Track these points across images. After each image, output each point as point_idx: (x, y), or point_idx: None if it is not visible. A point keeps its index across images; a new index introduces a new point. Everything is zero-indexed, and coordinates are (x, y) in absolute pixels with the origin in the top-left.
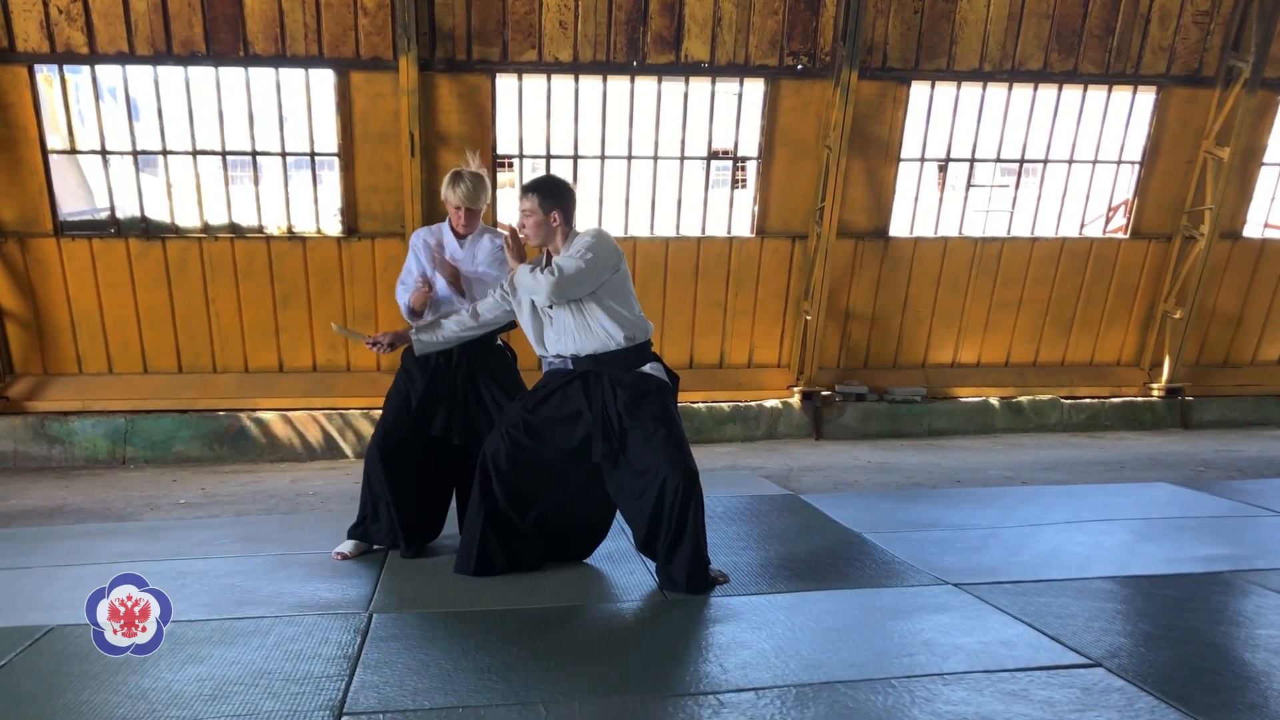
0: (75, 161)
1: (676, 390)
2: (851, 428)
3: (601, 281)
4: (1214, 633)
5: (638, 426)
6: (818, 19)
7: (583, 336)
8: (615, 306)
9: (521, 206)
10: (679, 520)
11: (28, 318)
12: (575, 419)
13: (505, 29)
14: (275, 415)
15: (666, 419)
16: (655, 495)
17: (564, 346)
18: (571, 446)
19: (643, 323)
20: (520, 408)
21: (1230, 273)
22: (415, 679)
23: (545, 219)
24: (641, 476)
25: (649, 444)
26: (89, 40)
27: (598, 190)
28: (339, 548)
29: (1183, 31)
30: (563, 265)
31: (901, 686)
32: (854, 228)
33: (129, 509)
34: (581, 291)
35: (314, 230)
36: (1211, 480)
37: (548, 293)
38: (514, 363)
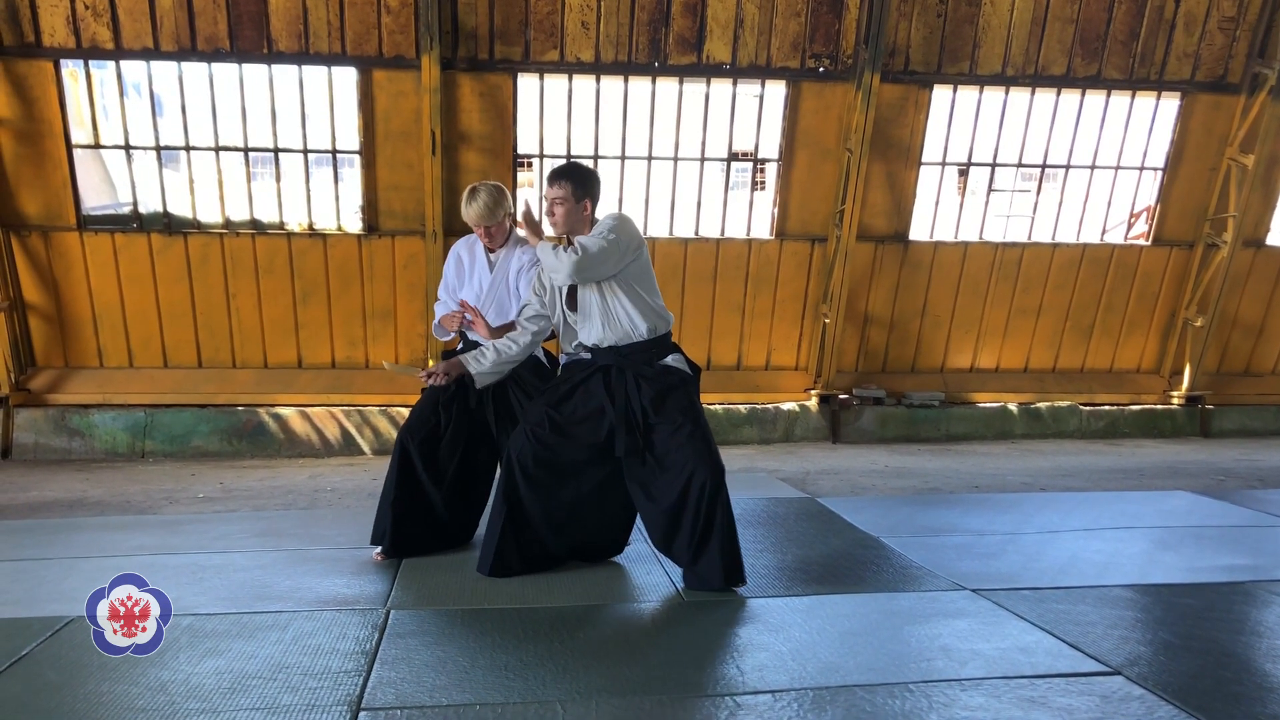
0: (99, 156)
1: (699, 381)
2: (869, 432)
3: (624, 264)
4: (1235, 643)
5: (663, 422)
6: (840, 22)
7: (605, 325)
8: (640, 291)
9: (551, 194)
10: (706, 516)
11: (50, 311)
12: (600, 415)
13: (527, 29)
14: (294, 411)
15: (692, 414)
16: (679, 491)
17: (587, 335)
18: (597, 441)
19: (665, 313)
20: (544, 404)
21: (1253, 281)
22: (433, 675)
23: (577, 206)
24: (666, 472)
25: (675, 439)
26: (114, 36)
27: (618, 190)
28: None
29: (1208, 38)
30: (585, 244)
31: (919, 691)
32: (874, 231)
33: (148, 502)
34: (604, 272)
35: (335, 227)
36: (1232, 489)
37: (569, 271)
38: (551, 371)
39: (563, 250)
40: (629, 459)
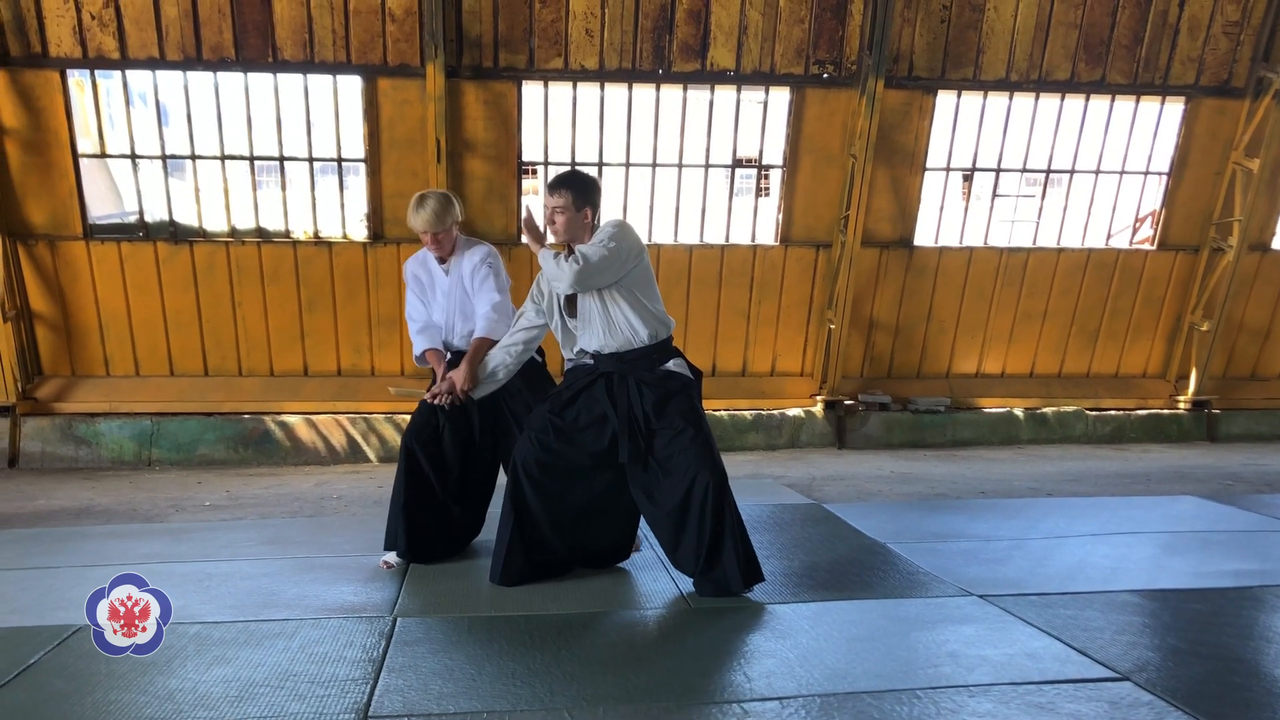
0: (105, 165)
1: (700, 385)
2: (875, 437)
3: (625, 271)
4: (1244, 648)
5: (665, 427)
6: (844, 28)
7: (606, 332)
8: (640, 298)
9: (551, 202)
10: (714, 519)
11: (56, 320)
12: (603, 421)
13: (532, 37)
14: (300, 419)
15: (694, 418)
16: (683, 495)
17: (588, 342)
18: (601, 449)
19: (665, 318)
20: (547, 411)
21: (1259, 285)
22: (440, 683)
23: (577, 215)
24: (669, 477)
25: (676, 444)
26: (120, 46)
27: (622, 197)
28: (385, 556)
29: (1212, 42)
30: (586, 253)
31: (926, 698)
32: (879, 237)
33: (155, 510)
34: (605, 280)
35: (340, 235)
36: (1239, 494)
37: (570, 280)
38: (543, 365)
39: (564, 259)
40: (632, 464)
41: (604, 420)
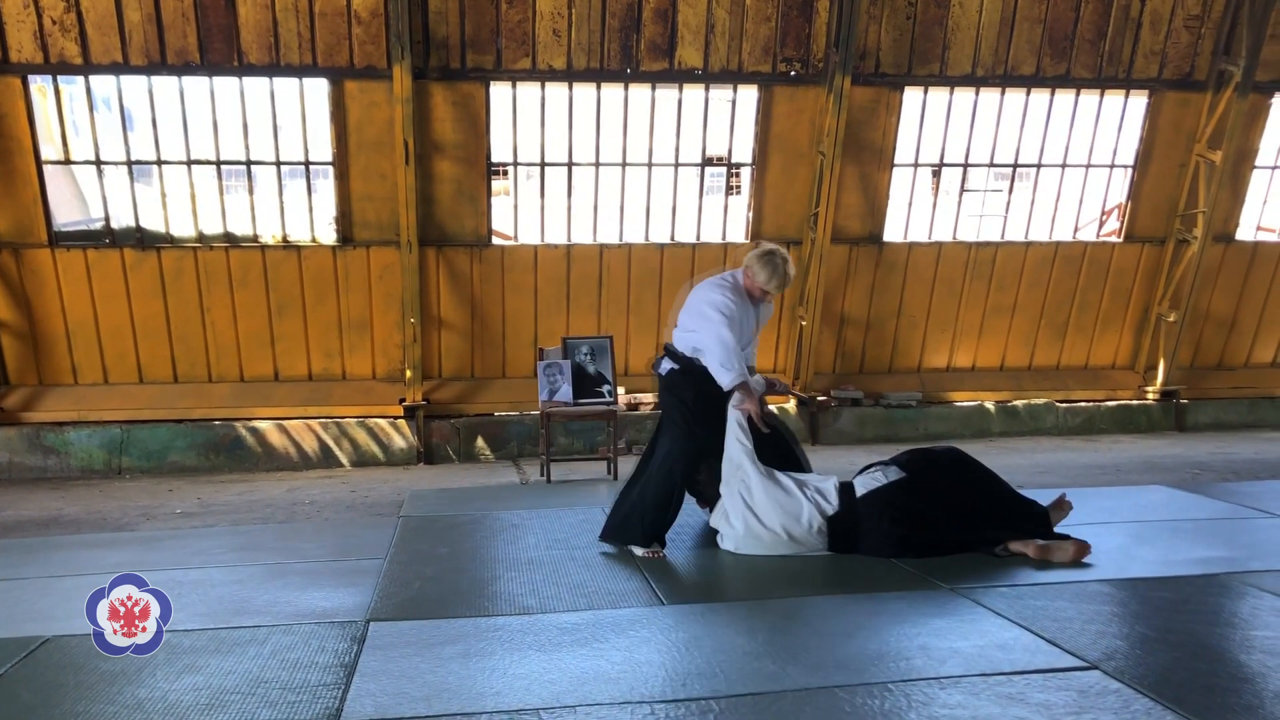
0: (70, 172)
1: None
2: (847, 433)
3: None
4: (1210, 634)
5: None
6: (810, 26)
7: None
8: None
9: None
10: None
11: (23, 328)
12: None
13: (499, 37)
14: (271, 424)
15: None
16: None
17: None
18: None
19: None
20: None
21: (1224, 276)
22: (412, 687)
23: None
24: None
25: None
26: (83, 51)
27: (593, 197)
28: (652, 549)
29: (1174, 36)
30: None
31: (898, 690)
32: (848, 233)
33: (125, 519)
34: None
35: (309, 239)
36: (1207, 483)
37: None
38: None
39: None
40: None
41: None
